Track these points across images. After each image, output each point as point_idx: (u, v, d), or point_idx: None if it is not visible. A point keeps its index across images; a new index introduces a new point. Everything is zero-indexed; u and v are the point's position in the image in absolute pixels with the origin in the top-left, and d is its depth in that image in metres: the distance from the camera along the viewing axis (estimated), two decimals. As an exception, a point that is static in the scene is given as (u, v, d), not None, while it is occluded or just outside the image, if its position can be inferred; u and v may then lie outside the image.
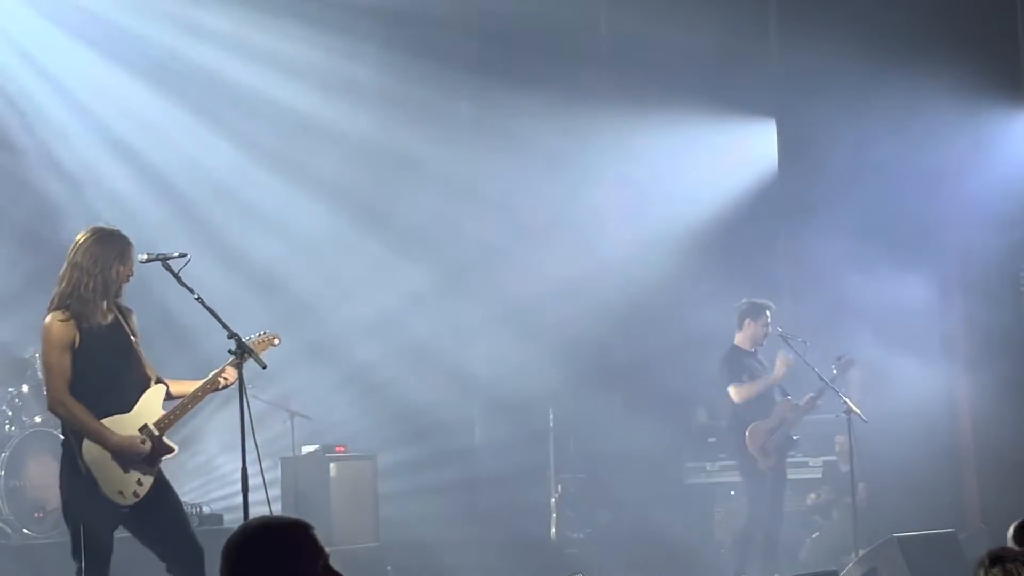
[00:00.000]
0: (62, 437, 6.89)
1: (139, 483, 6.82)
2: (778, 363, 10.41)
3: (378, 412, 12.86)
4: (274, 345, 7.26)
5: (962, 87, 11.95)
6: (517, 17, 12.75)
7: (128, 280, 6.86)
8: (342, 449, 11.77)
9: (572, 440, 13.24)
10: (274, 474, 11.23)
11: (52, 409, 6.82)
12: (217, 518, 10.72)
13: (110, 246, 6.82)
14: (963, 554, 9.39)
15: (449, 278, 13.48)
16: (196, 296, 6.86)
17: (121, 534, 6.91)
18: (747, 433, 10.34)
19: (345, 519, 11.36)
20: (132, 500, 6.79)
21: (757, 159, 13.85)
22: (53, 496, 10.02)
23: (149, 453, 6.84)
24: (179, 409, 6.97)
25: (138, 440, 6.81)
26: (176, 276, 6.85)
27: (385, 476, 11.95)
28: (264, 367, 7.05)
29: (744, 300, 10.66)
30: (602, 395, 13.49)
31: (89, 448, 6.71)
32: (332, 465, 11.52)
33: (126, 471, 6.78)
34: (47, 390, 6.85)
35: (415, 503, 12.41)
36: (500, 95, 13.11)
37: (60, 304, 6.77)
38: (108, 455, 6.74)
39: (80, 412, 6.71)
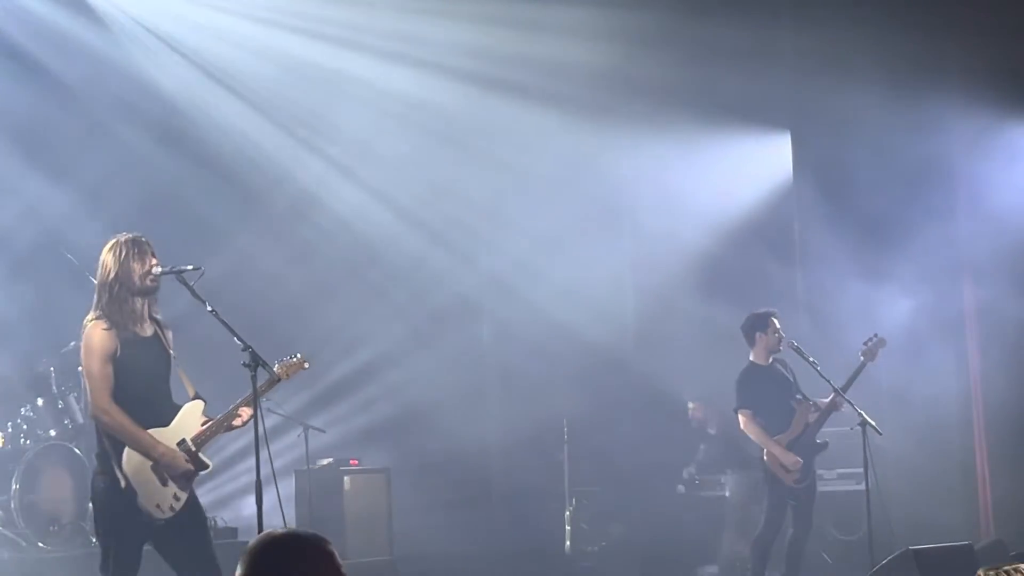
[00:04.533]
0: (97, 448, 6.85)
1: (176, 497, 6.81)
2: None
3: (392, 425, 12.86)
4: (304, 369, 7.28)
5: (977, 96, 11.94)
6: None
7: (152, 277, 6.82)
8: (356, 462, 11.78)
9: (587, 453, 13.22)
10: (288, 487, 11.24)
11: (96, 417, 6.78)
12: (231, 531, 10.73)
13: (121, 248, 6.85)
14: (979, 567, 9.33)
15: (462, 290, 13.50)
16: (211, 309, 6.86)
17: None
18: (764, 456, 10.30)
19: (359, 532, 11.36)
20: (168, 514, 6.79)
21: (772, 171, 13.84)
22: (68, 510, 10.11)
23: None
24: (215, 426, 6.96)
25: (182, 454, 6.82)
26: (191, 289, 6.86)
27: (399, 489, 11.95)
28: (278, 380, 7.05)
29: (748, 316, 10.59)
30: (617, 407, 13.47)
31: (130, 459, 6.70)
32: (346, 478, 11.53)
33: (164, 484, 6.77)
34: (91, 399, 6.81)
35: (429, 516, 12.40)
36: (515, 108, 13.12)
37: (99, 313, 6.79)
38: (148, 467, 6.73)
39: (126, 420, 6.70)
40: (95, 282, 6.91)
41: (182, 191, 12.27)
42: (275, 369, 7.02)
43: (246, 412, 6.94)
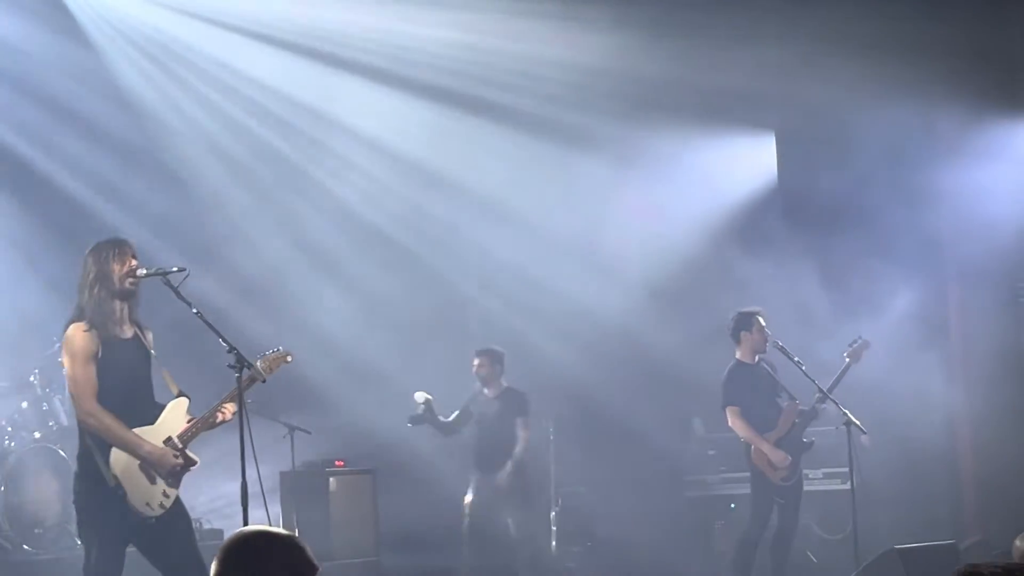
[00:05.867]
0: (79, 450, 6.84)
1: (165, 495, 6.83)
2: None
3: (378, 424, 12.84)
4: (287, 363, 7.28)
5: (960, 99, 11.97)
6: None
7: (133, 277, 6.82)
8: (341, 464, 11.76)
9: (572, 454, 13.22)
10: (273, 489, 11.22)
11: (82, 420, 6.78)
12: (217, 533, 10.71)
13: (102, 250, 6.87)
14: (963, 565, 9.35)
15: (445, 287, 13.50)
16: (195, 311, 6.85)
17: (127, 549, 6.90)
18: (751, 452, 10.33)
19: (345, 534, 11.35)
20: (158, 512, 6.80)
21: (757, 171, 13.85)
22: (53, 512, 10.09)
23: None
24: (200, 423, 6.96)
25: (170, 451, 6.82)
26: (175, 291, 6.84)
27: (384, 490, 11.94)
28: (264, 380, 7.05)
29: (732, 314, 10.62)
30: (602, 408, 13.48)
31: (117, 459, 6.70)
32: (332, 480, 11.52)
33: (153, 482, 6.78)
34: (75, 401, 6.83)
35: (415, 517, 12.38)
36: (499, 109, 13.12)
37: (80, 315, 6.79)
38: (136, 466, 6.73)
39: (111, 421, 6.70)
40: (77, 284, 6.90)
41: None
42: (258, 365, 7.02)
43: (229, 408, 6.94)
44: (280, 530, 3.50)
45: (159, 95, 12.43)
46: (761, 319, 10.50)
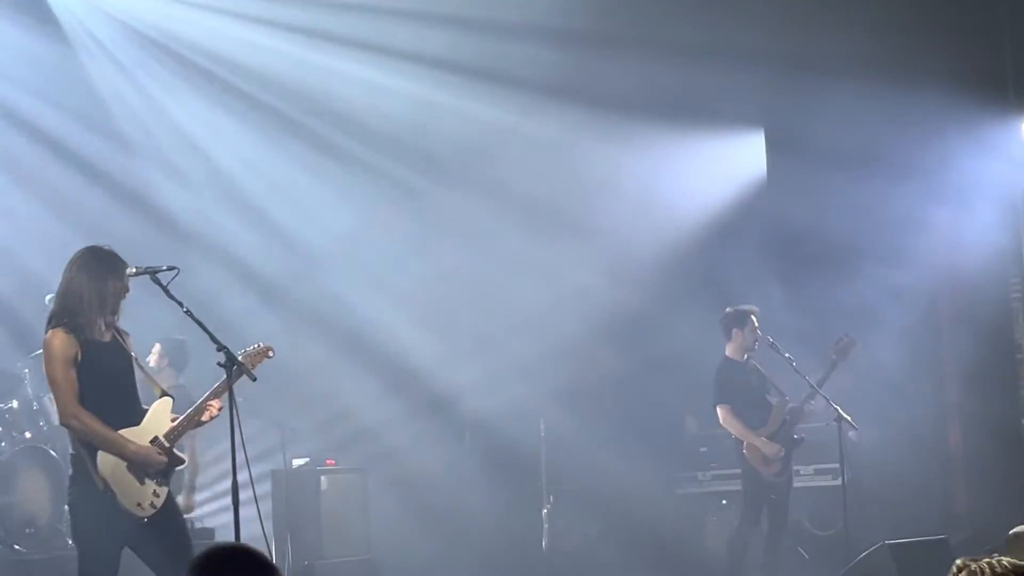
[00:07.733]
0: (72, 452, 6.83)
1: (155, 494, 6.80)
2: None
3: (367, 424, 12.84)
4: (268, 357, 7.26)
5: (950, 97, 11.98)
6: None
7: (123, 296, 6.82)
8: (332, 462, 11.76)
9: (564, 451, 13.22)
10: (265, 488, 11.21)
11: (65, 423, 6.75)
12: (208, 532, 10.69)
13: (105, 261, 6.81)
14: (954, 561, 9.36)
15: (438, 288, 13.49)
16: (185, 309, 6.83)
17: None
18: (744, 449, 10.35)
19: (336, 532, 11.34)
20: (150, 512, 6.77)
21: (745, 168, 13.86)
22: (44, 512, 10.06)
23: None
24: (186, 421, 6.95)
25: (155, 450, 6.81)
26: (165, 289, 6.81)
27: (376, 489, 11.94)
28: (254, 380, 7.03)
29: (728, 310, 10.64)
30: (593, 405, 13.48)
31: (105, 461, 6.67)
32: (323, 478, 11.52)
33: (142, 483, 6.76)
34: (57, 405, 6.79)
35: (406, 515, 12.39)
36: (487, 110, 13.11)
37: (59, 319, 6.76)
38: (124, 467, 6.71)
39: (95, 423, 6.66)
40: (60, 288, 6.85)
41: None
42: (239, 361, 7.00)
43: (215, 405, 6.93)
44: (256, 550, 3.46)
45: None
46: (755, 319, 10.53)
